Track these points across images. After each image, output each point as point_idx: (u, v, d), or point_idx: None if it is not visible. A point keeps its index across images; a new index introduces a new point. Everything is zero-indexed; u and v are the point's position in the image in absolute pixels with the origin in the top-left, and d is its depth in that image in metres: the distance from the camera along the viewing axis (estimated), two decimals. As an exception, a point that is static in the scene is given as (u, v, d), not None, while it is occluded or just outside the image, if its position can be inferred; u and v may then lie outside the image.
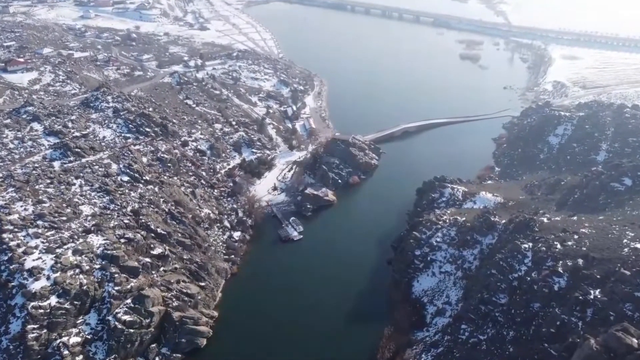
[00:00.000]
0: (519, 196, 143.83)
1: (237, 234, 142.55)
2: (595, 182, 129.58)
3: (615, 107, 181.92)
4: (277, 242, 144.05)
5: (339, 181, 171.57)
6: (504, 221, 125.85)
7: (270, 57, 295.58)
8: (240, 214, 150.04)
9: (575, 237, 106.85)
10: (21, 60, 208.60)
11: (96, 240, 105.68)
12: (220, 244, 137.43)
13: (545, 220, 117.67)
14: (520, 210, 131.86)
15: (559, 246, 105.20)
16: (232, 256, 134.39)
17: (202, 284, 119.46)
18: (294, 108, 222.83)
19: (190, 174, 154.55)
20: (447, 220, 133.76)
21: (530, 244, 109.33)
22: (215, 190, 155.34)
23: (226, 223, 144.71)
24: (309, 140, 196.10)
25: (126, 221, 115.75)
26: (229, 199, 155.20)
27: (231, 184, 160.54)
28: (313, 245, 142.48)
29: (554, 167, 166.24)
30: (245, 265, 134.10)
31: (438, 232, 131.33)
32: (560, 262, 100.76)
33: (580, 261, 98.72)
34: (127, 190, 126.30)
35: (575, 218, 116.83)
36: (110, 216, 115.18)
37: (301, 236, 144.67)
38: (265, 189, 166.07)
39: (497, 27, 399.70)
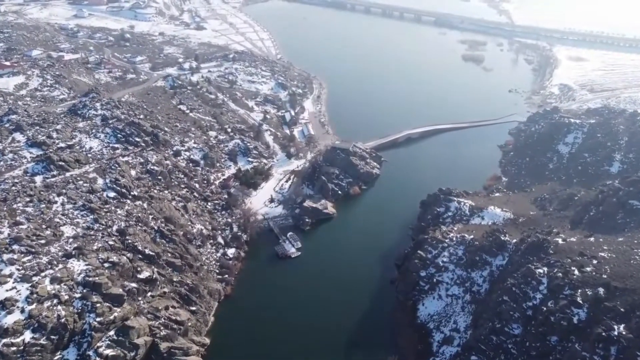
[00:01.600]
0: (530, 211, 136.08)
1: (231, 251, 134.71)
2: (612, 198, 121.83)
3: (628, 114, 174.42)
4: (273, 259, 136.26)
5: (339, 192, 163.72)
6: (514, 240, 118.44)
7: (268, 58, 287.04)
8: (235, 229, 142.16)
9: (594, 261, 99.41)
10: (7, 63, 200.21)
11: (77, 266, 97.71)
12: (214, 262, 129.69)
13: (560, 241, 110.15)
14: (531, 227, 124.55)
15: (576, 272, 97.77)
16: (226, 276, 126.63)
17: (193, 308, 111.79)
18: (292, 113, 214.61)
19: (183, 186, 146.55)
20: (454, 238, 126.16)
21: (545, 269, 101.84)
22: (209, 204, 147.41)
23: (220, 239, 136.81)
24: (307, 148, 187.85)
25: (111, 242, 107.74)
26: (223, 212, 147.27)
27: (226, 196, 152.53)
28: (312, 262, 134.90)
29: (564, 178, 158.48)
30: (240, 285, 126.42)
31: (444, 251, 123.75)
32: (579, 290, 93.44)
33: (601, 290, 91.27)
34: (113, 208, 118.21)
35: (592, 239, 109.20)
36: (93, 237, 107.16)
37: (299, 253, 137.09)
38: (261, 201, 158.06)
39: (500, 27, 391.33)
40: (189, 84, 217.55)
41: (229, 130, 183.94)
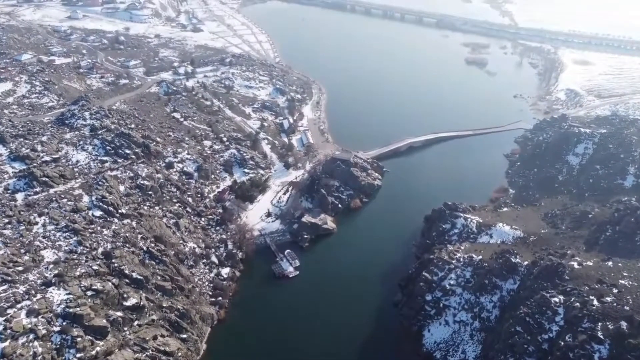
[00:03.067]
0: (540, 229, 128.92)
1: (225, 271, 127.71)
2: (629, 218, 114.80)
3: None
4: (270, 279, 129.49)
5: (339, 205, 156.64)
6: (526, 263, 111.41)
7: (266, 62, 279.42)
8: (230, 246, 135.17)
9: (615, 290, 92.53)
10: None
11: (57, 295, 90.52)
12: (206, 283, 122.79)
13: (575, 265, 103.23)
14: (543, 248, 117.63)
15: (596, 302, 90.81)
16: (220, 298, 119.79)
17: (184, 335, 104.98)
18: (291, 120, 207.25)
19: (175, 200, 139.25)
20: (461, 259, 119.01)
21: (562, 298, 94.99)
22: (203, 219, 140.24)
23: (213, 258, 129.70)
24: (306, 157, 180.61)
25: (95, 267, 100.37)
26: (217, 228, 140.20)
27: (220, 211, 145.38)
28: (310, 282, 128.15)
29: (575, 192, 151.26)
30: (234, 309, 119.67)
31: (451, 273, 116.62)
32: (600, 324, 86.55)
33: (624, 325, 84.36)
34: (98, 228, 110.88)
35: (610, 264, 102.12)
36: (76, 262, 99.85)
37: (297, 272, 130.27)
38: (258, 215, 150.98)
39: (503, 29, 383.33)
40: (184, 89, 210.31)
41: (225, 139, 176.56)
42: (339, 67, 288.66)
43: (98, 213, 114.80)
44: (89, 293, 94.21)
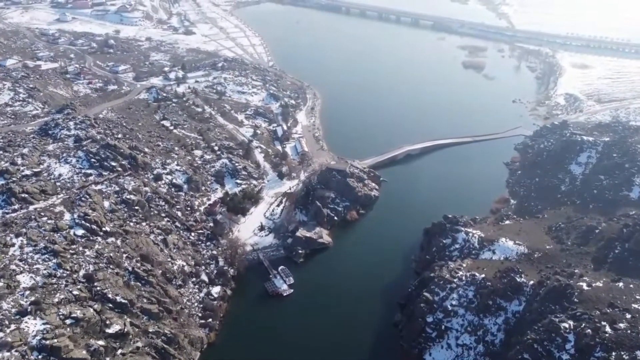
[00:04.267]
0: (545, 244, 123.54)
1: (216, 290, 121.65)
2: (639, 235, 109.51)
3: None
4: (263, 298, 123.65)
5: (335, 218, 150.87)
6: (532, 282, 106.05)
7: (259, 66, 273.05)
8: (221, 263, 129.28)
9: (628, 315, 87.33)
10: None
11: (33, 326, 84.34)
12: (196, 304, 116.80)
13: (584, 286, 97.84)
14: (549, 265, 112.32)
15: (608, 329, 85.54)
16: (210, 320, 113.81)
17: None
18: (285, 127, 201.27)
19: (163, 215, 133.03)
20: (464, 277, 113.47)
21: (572, 323, 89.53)
22: (192, 234, 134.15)
23: (204, 276, 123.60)
24: (301, 167, 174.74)
25: (76, 292, 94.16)
26: (208, 243, 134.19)
27: (211, 225, 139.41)
28: (305, 301, 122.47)
29: (578, 203, 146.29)
30: (225, 330, 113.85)
31: (453, 293, 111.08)
32: (614, 353, 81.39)
33: (640, 355, 79.01)
34: (80, 249, 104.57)
35: (621, 285, 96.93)
36: (55, 287, 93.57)
37: (292, 290, 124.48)
38: (250, 229, 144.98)
39: (500, 32, 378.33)
40: (175, 95, 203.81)
41: (216, 148, 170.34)
42: (333, 71, 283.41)
43: (80, 232, 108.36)
44: (68, 321, 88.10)
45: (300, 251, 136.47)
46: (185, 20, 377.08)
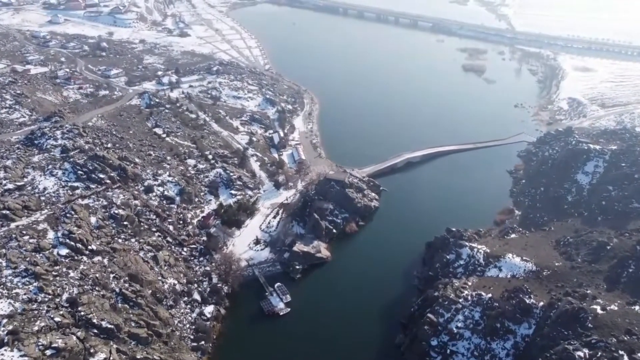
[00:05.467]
0: (554, 260, 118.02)
1: (209, 309, 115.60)
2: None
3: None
4: (258, 317, 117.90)
5: (334, 230, 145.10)
6: (541, 303, 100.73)
7: (255, 69, 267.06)
8: (215, 280, 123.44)
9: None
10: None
11: (9, 359, 78.01)
12: (188, 325, 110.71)
13: (599, 309, 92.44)
14: (559, 284, 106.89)
15: (626, 359, 79.84)
16: (202, 342, 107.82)
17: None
18: (281, 134, 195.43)
19: (154, 229, 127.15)
20: (469, 297, 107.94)
21: (587, 351, 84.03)
22: (185, 249, 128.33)
23: (196, 295, 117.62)
24: (298, 176, 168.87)
25: (58, 318, 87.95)
26: (201, 258, 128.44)
27: (204, 239, 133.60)
28: (303, 320, 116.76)
29: (586, 214, 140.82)
30: (219, 353, 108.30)
31: (459, 314, 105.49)
32: (634, 387, 75.66)
33: (663, 390, 73.61)
34: (64, 270, 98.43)
35: (637, 309, 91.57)
36: (36, 313, 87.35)
37: (288, 309, 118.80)
38: (245, 243, 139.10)
39: (500, 34, 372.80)
40: (168, 101, 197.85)
41: (210, 157, 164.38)
42: (331, 75, 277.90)
43: (64, 251, 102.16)
44: (49, 352, 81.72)
45: (297, 267, 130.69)
46: (180, 21, 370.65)
